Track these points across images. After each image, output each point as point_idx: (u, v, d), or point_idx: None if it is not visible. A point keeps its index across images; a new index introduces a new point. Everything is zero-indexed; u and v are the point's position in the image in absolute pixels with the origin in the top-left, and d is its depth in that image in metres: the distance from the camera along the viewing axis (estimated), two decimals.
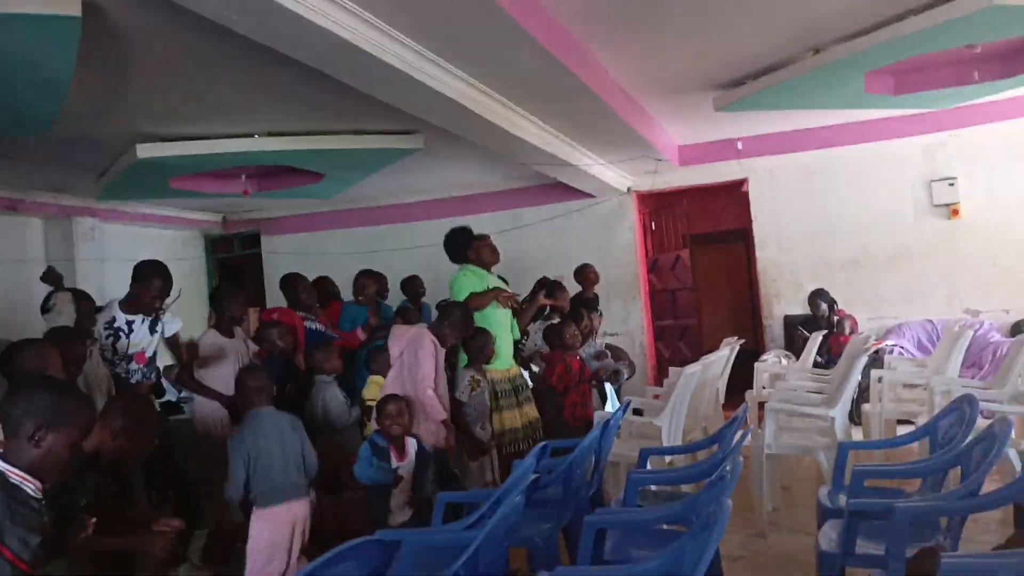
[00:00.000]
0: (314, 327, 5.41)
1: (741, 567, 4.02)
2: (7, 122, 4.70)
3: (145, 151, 5.95)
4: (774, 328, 8.58)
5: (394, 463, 3.97)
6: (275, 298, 8.87)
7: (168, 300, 4.49)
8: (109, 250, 8.17)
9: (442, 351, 4.66)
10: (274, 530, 3.58)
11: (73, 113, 4.81)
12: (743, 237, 9.53)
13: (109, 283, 7.38)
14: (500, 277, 5.96)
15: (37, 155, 6.04)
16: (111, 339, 4.30)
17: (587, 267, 7.37)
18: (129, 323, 4.38)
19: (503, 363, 5.23)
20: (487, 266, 5.37)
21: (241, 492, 3.61)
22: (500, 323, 5.27)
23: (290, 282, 5.61)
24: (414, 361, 4.49)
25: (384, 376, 4.86)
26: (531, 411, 5.25)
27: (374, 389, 4.84)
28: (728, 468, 2.56)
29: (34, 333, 4.42)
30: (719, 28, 4.97)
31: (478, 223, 8.53)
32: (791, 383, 5.99)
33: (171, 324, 4.67)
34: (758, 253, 8.65)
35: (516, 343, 5.66)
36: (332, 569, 1.88)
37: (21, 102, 4.35)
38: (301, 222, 10.06)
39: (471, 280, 5.21)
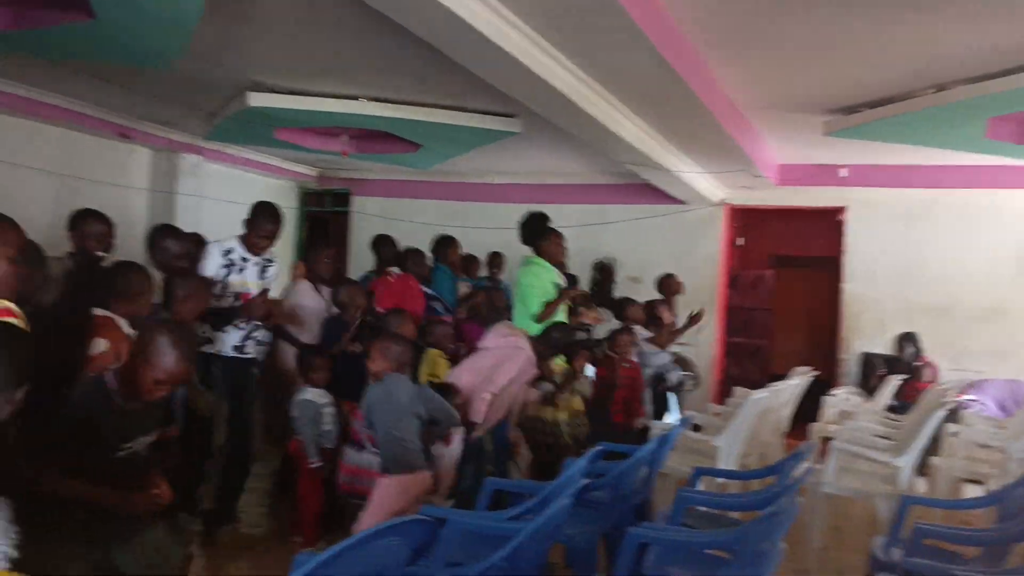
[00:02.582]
0: (432, 293, 5.53)
1: None
2: (132, 53, 4.89)
3: (256, 100, 6.11)
4: (850, 363, 8.34)
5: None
6: (358, 256, 9.08)
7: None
8: (209, 188, 8.43)
9: (534, 369, 4.70)
10: (403, 498, 3.50)
11: (194, 54, 4.97)
12: (831, 266, 9.26)
13: (205, 221, 7.62)
14: (570, 275, 6.03)
15: (155, 88, 6.27)
16: (226, 270, 4.35)
17: (671, 277, 7.30)
18: (244, 259, 4.46)
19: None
20: (554, 262, 5.42)
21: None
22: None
23: (405, 254, 5.72)
24: (499, 363, 4.51)
25: (443, 351, 4.92)
26: (577, 404, 5.35)
27: (436, 364, 4.88)
28: (786, 505, 2.51)
29: (131, 256, 4.62)
30: (841, 54, 4.82)
31: (563, 213, 8.51)
32: (860, 423, 5.81)
33: (274, 276, 4.72)
34: (845, 285, 8.41)
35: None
36: (379, 541, 1.92)
37: (148, 37, 4.51)
38: (390, 187, 10.20)
39: (541, 279, 5.28)
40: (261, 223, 4.46)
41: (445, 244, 6.20)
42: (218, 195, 8.35)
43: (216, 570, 4.01)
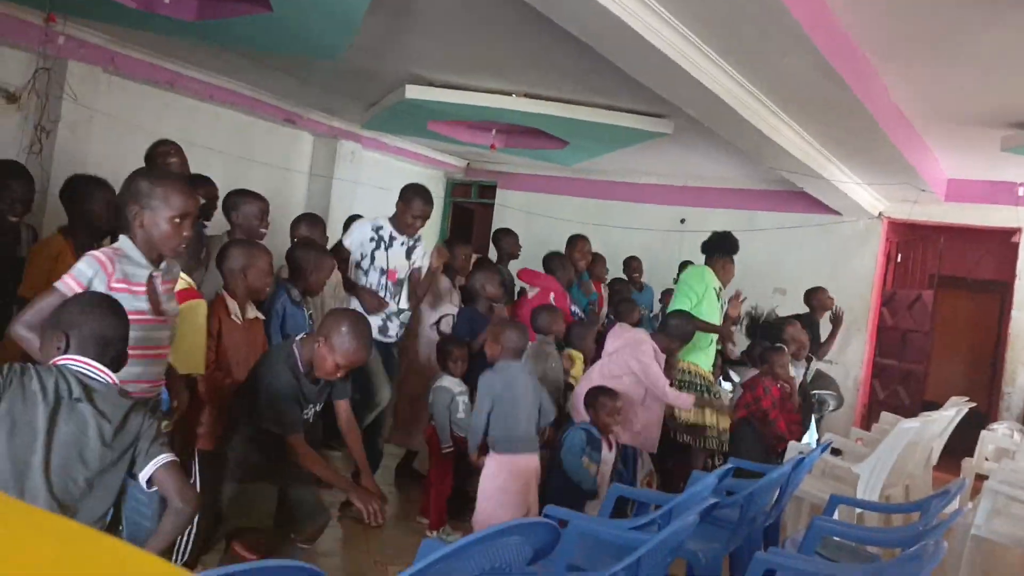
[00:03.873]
0: (573, 309, 5.50)
1: None
2: (301, 44, 5.17)
3: (413, 92, 6.31)
4: (1013, 397, 7.70)
5: (604, 452, 4.05)
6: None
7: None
8: (364, 175, 8.78)
9: (662, 357, 4.69)
10: (508, 477, 3.65)
11: (359, 47, 5.19)
12: (1001, 291, 8.61)
13: (358, 206, 7.97)
14: None
15: (322, 78, 6.59)
16: (373, 244, 4.51)
17: (821, 291, 6.90)
18: (392, 237, 4.63)
19: (707, 363, 5.44)
20: (724, 284, 5.46)
21: (480, 439, 3.76)
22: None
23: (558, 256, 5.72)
24: (642, 369, 4.56)
25: (582, 352, 4.95)
26: (724, 422, 5.23)
27: (575, 364, 4.93)
28: (931, 547, 2.35)
29: (286, 237, 4.87)
30: None
31: (710, 218, 8.36)
32: (1021, 464, 5.36)
33: (421, 258, 4.85)
34: (1015, 312, 7.76)
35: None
36: (503, 539, 1.94)
37: (316, 29, 4.75)
38: (535, 181, 10.27)
39: (706, 283, 5.35)
40: (414, 203, 4.58)
41: (572, 244, 6.13)
42: (372, 182, 8.69)
43: (344, 541, 4.19)
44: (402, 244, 4.61)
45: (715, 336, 5.49)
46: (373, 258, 4.51)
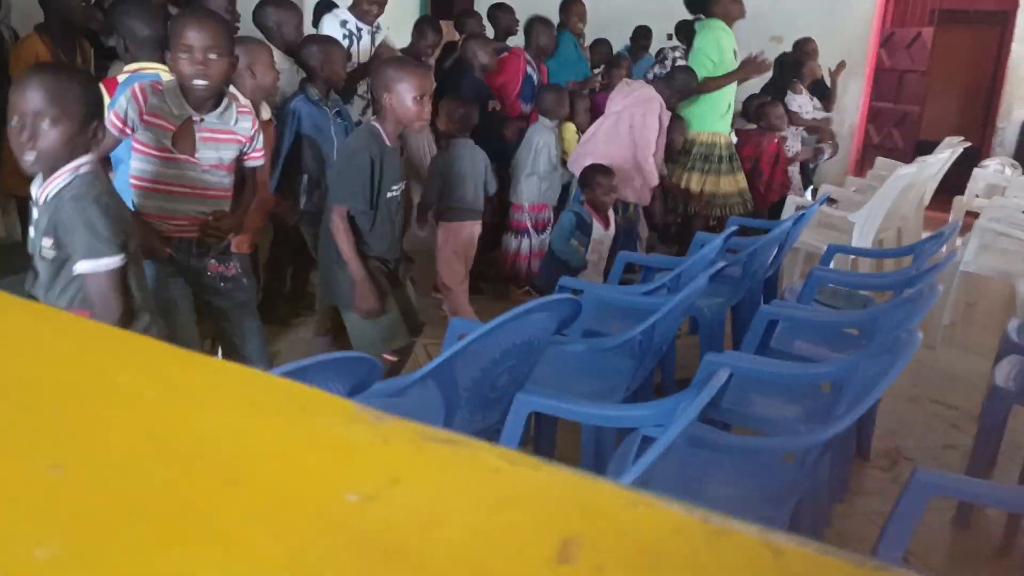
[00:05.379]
0: (534, 75, 5.20)
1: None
2: None
3: None
4: (1007, 133, 7.75)
5: (599, 232, 4.14)
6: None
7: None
8: None
9: (668, 116, 4.63)
10: (457, 242, 4.02)
11: None
12: (1001, 23, 8.35)
13: None
14: None
15: None
16: (347, 40, 4.30)
17: (810, 42, 6.65)
18: (359, 29, 4.43)
19: (725, 129, 5.26)
20: (731, 21, 5.12)
21: (434, 202, 4.02)
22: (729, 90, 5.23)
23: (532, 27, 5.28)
24: (641, 124, 4.47)
25: (580, 127, 4.89)
26: (741, 181, 5.26)
27: (569, 134, 4.88)
28: (926, 290, 2.51)
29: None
30: None
31: None
32: (1011, 200, 5.51)
33: (380, 38, 4.66)
34: (1014, 44, 7.60)
35: None
36: (530, 316, 2.07)
37: None
38: None
39: (720, 44, 5.03)
40: None
41: (569, 8, 5.78)
42: None
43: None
44: (368, 33, 4.43)
45: (732, 100, 5.29)
46: (348, 55, 4.34)
